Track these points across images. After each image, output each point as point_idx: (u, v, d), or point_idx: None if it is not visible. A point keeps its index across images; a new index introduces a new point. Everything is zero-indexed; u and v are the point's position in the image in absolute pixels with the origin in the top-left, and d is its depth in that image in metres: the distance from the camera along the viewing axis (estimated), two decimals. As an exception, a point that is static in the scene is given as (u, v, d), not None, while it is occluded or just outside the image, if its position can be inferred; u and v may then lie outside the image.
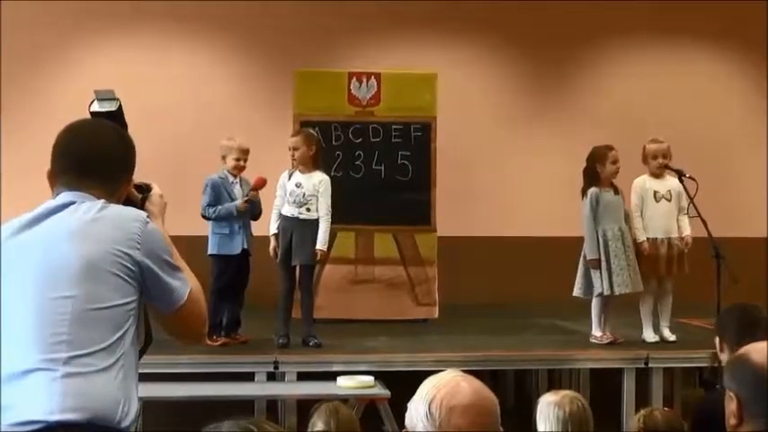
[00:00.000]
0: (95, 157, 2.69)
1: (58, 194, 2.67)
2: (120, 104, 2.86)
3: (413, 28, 10.26)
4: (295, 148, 7.10)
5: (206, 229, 7.14)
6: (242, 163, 7.12)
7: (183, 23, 10.05)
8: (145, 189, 2.87)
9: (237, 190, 7.10)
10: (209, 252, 7.03)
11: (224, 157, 7.13)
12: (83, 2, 9.78)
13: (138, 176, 2.86)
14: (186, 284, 2.67)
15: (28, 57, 9.75)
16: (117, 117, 2.83)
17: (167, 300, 2.64)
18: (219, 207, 7.00)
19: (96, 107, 2.84)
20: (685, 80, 10.75)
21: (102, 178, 2.69)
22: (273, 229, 7.13)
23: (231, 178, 7.11)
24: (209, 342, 6.69)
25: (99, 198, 2.64)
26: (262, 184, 7.06)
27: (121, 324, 2.53)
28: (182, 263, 2.72)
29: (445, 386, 2.20)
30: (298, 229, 6.99)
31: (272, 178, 7.19)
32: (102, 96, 2.86)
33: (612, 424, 6.47)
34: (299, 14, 9.99)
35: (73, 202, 2.62)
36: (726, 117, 10.84)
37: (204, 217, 7.07)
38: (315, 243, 6.99)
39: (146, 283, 2.59)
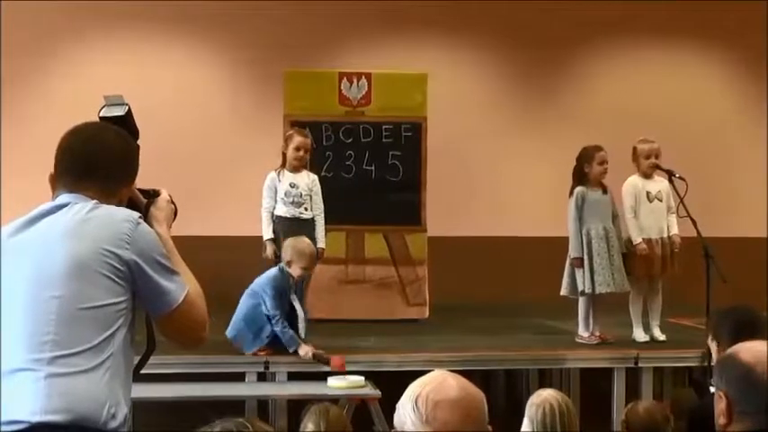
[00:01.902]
0: (94, 159, 2.70)
1: (57, 196, 2.68)
2: (130, 109, 2.87)
3: (404, 29, 10.26)
4: (306, 150, 7.15)
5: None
6: (309, 271, 6.62)
7: (176, 24, 10.03)
8: (152, 194, 2.87)
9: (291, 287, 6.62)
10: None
11: (289, 262, 6.46)
12: (81, 2, 9.76)
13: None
14: (182, 288, 2.65)
15: (28, 57, 9.73)
16: (126, 122, 2.84)
17: (160, 301, 2.63)
18: (287, 332, 6.36)
19: (105, 112, 2.86)
20: (682, 81, 10.75)
21: (100, 180, 2.69)
22: (269, 233, 7.12)
23: (291, 281, 6.53)
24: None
25: (96, 200, 2.64)
26: (340, 367, 6.44)
27: (110, 324, 2.52)
28: (182, 266, 2.72)
29: (431, 382, 2.22)
30: (300, 230, 7.00)
31: (263, 178, 7.21)
32: (111, 102, 2.88)
33: (603, 423, 6.48)
34: (289, 15, 9.97)
35: (68, 204, 2.63)
36: (724, 117, 10.84)
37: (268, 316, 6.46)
38: (315, 242, 7.04)
39: (136, 284, 2.58)
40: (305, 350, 6.35)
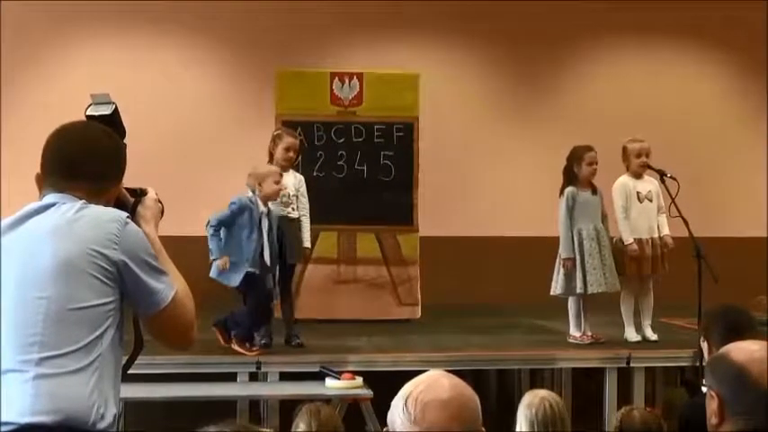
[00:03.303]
0: (81, 158, 2.68)
1: (44, 196, 2.67)
2: (116, 108, 2.86)
3: (396, 28, 10.26)
4: (296, 151, 7.16)
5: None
6: (279, 186, 6.65)
7: (167, 24, 10.02)
8: (139, 193, 2.85)
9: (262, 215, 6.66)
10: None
11: (260, 186, 6.57)
12: (77, 3, 9.74)
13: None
14: (170, 288, 2.64)
15: (28, 56, 9.72)
16: (113, 121, 2.83)
17: (148, 301, 2.61)
18: (215, 239, 6.46)
19: (92, 111, 2.85)
20: (681, 80, 10.75)
21: (87, 180, 2.67)
22: None
23: (262, 208, 6.58)
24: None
25: (84, 199, 2.63)
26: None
27: (98, 325, 2.51)
28: (170, 266, 2.71)
29: (424, 383, 2.20)
30: (287, 229, 7.00)
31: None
32: (98, 100, 2.87)
33: (596, 423, 6.49)
34: (281, 14, 9.97)
35: (55, 204, 2.61)
36: (724, 117, 10.83)
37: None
38: (302, 242, 7.06)
39: (125, 284, 2.57)
40: (223, 261, 6.35)
